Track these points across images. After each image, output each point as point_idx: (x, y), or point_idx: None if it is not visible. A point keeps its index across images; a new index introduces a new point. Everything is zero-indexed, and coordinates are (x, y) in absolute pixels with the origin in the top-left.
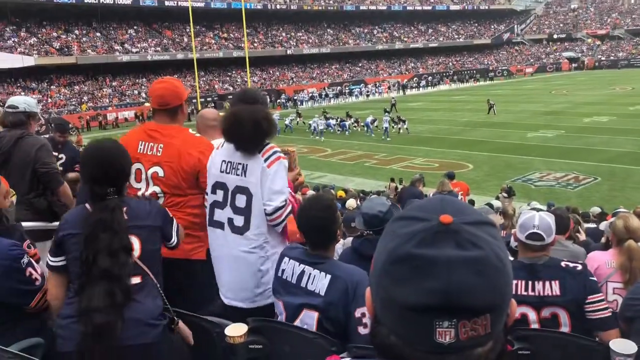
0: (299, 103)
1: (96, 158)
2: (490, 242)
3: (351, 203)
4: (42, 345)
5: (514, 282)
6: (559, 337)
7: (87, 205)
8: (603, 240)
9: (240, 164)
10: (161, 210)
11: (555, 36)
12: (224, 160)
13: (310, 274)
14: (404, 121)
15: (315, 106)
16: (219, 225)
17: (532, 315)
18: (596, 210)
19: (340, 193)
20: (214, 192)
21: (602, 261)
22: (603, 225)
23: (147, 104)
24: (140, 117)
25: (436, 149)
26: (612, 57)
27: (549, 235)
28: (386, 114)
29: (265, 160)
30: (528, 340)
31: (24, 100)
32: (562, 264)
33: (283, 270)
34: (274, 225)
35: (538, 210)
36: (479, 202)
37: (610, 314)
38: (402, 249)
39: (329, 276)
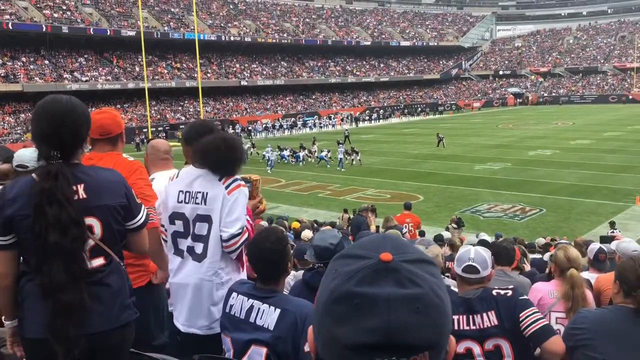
0: (253, 134)
1: (48, 111)
2: (429, 280)
3: (306, 234)
4: None
5: (455, 317)
6: None
7: (34, 175)
8: (547, 270)
9: (199, 192)
10: (124, 184)
11: (500, 72)
12: (181, 191)
13: (259, 308)
14: (357, 152)
15: (270, 137)
16: (180, 253)
17: (476, 349)
18: (541, 241)
19: (295, 224)
20: (172, 222)
21: (545, 291)
22: (547, 257)
23: None
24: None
25: (388, 181)
26: (554, 93)
27: (485, 268)
28: (340, 145)
29: (227, 187)
30: None
31: (30, 158)
32: (494, 292)
33: (231, 306)
34: (228, 252)
35: (480, 243)
36: (429, 232)
37: (546, 322)
38: (343, 287)
39: (278, 310)
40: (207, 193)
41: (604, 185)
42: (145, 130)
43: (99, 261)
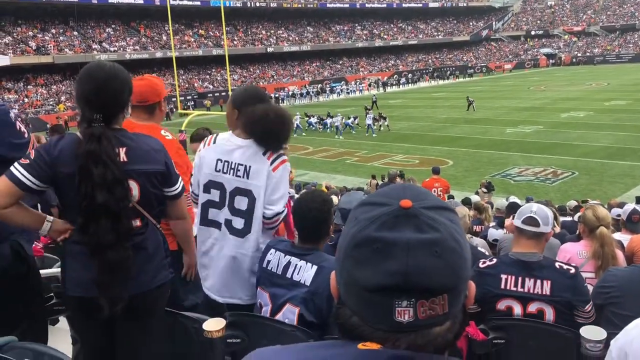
0: (280, 101)
1: (91, 76)
2: (448, 225)
3: (334, 200)
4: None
5: (503, 276)
6: (532, 326)
7: (79, 133)
8: (577, 232)
9: (241, 165)
10: (164, 153)
11: (532, 33)
12: (219, 159)
13: (296, 264)
14: (384, 118)
15: (297, 104)
16: (216, 225)
17: (517, 309)
18: (572, 203)
19: (323, 190)
20: (207, 191)
21: (573, 252)
22: (577, 217)
23: None
24: None
25: (416, 146)
26: (588, 53)
27: (546, 224)
28: (368, 111)
29: (272, 163)
30: (502, 330)
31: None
32: (556, 264)
33: (268, 262)
34: (269, 228)
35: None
36: (458, 197)
37: (594, 317)
38: (363, 233)
39: (315, 267)
40: (250, 167)
41: (639, 147)
42: (174, 99)
43: (135, 223)
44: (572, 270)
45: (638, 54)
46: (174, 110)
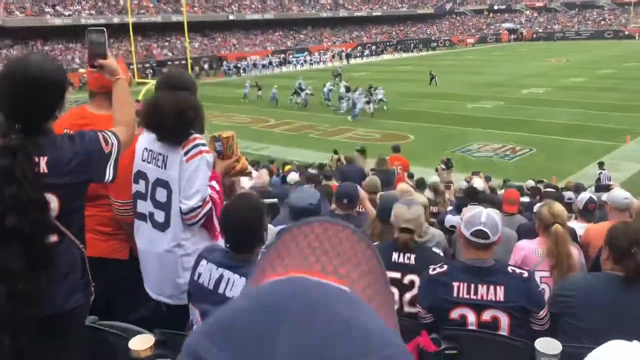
0: (242, 71)
1: (10, 79)
2: None
3: (292, 177)
4: None
5: (455, 284)
6: (485, 337)
7: None
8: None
9: (160, 154)
10: (88, 151)
11: (495, 7)
12: (145, 148)
13: (229, 279)
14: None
15: (259, 74)
16: (143, 217)
17: (471, 317)
18: (530, 183)
19: (287, 167)
20: (136, 181)
21: (529, 249)
22: (537, 208)
23: (81, 70)
24: (74, 85)
25: (379, 120)
26: (548, 29)
27: (495, 233)
28: (336, 84)
29: (185, 153)
30: (455, 340)
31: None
32: (509, 269)
33: (200, 274)
34: (189, 224)
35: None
36: (418, 173)
37: (549, 324)
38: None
39: None
40: (167, 156)
41: (596, 125)
42: (131, 67)
43: (50, 239)
44: (525, 274)
45: (596, 31)
46: (132, 78)
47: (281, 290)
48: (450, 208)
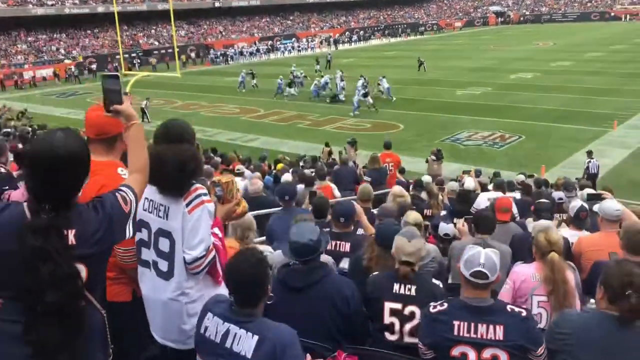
0: (229, 59)
1: (36, 163)
2: None
3: (286, 178)
4: None
5: (456, 322)
6: None
7: (26, 208)
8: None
9: (162, 205)
10: (110, 217)
11: None
12: (147, 198)
13: (235, 333)
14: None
15: (246, 62)
16: (147, 265)
17: (472, 355)
18: (520, 177)
19: (279, 166)
20: (139, 229)
21: (527, 274)
22: (530, 227)
23: (67, 61)
24: (60, 77)
25: (368, 109)
26: (535, 12)
27: (494, 273)
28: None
29: (187, 204)
30: None
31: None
32: (508, 308)
33: (206, 328)
34: (193, 273)
35: (484, 246)
36: (409, 164)
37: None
38: None
39: (256, 337)
40: (168, 207)
41: (583, 110)
42: (118, 57)
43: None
44: (524, 313)
45: (583, 13)
46: (119, 68)
47: None
48: (443, 212)
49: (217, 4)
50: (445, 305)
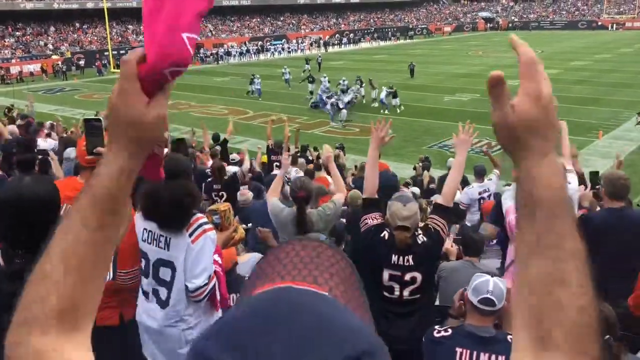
0: (220, 59)
1: (5, 205)
2: None
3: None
4: None
5: (458, 349)
6: None
7: None
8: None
9: (162, 236)
10: None
11: None
12: (145, 229)
13: None
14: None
15: (234, 62)
16: (145, 293)
17: None
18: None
19: (263, 158)
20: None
21: None
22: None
23: (54, 57)
24: (48, 72)
25: (356, 113)
26: (524, 19)
27: (501, 301)
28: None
29: (190, 234)
30: None
31: None
32: (509, 338)
33: None
34: (195, 301)
35: (492, 275)
36: (397, 169)
37: None
38: None
39: None
40: (169, 238)
41: (568, 119)
42: (106, 53)
43: None
44: None
45: (570, 22)
46: (107, 66)
47: (270, 298)
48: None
49: None
50: (450, 331)
